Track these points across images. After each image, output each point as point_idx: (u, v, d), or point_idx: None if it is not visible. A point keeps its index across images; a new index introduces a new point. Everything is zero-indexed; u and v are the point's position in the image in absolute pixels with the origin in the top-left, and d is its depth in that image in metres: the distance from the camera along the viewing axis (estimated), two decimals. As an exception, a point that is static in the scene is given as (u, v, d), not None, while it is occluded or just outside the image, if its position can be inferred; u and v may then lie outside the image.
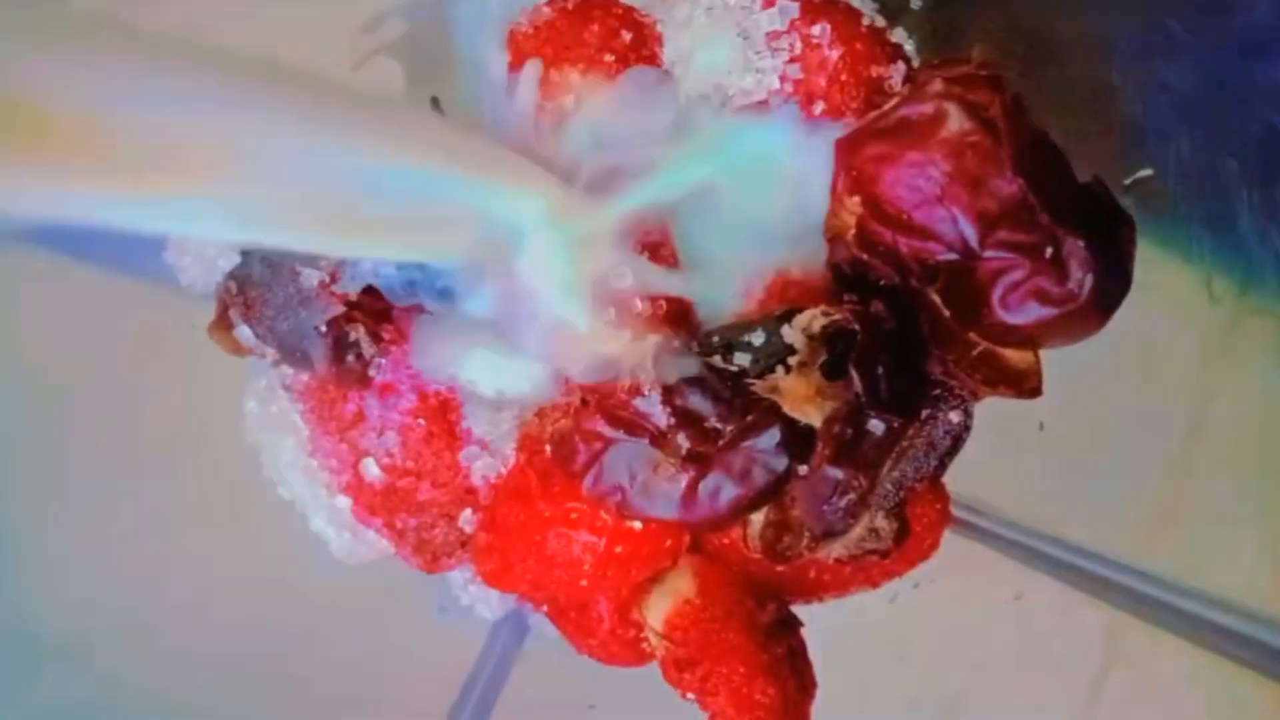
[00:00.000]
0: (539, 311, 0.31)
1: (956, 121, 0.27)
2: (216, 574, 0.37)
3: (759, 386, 0.30)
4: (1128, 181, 0.30)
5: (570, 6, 0.32)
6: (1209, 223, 0.29)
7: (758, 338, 0.31)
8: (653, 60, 0.32)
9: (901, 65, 0.31)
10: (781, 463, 0.30)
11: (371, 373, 0.32)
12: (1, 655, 0.31)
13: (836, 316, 0.30)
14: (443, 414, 0.33)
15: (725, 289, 0.31)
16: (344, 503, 0.34)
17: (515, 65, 0.32)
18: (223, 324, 0.32)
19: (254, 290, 0.31)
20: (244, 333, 0.32)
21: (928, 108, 0.28)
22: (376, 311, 0.32)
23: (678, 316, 0.34)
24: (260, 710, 0.37)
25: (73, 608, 0.33)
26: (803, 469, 0.30)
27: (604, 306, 0.30)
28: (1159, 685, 0.32)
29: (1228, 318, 0.29)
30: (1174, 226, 0.29)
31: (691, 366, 0.30)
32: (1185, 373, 0.30)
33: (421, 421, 0.32)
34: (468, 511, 0.34)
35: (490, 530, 0.34)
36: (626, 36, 0.32)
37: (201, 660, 0.35)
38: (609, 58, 0.32)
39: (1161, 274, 0.30)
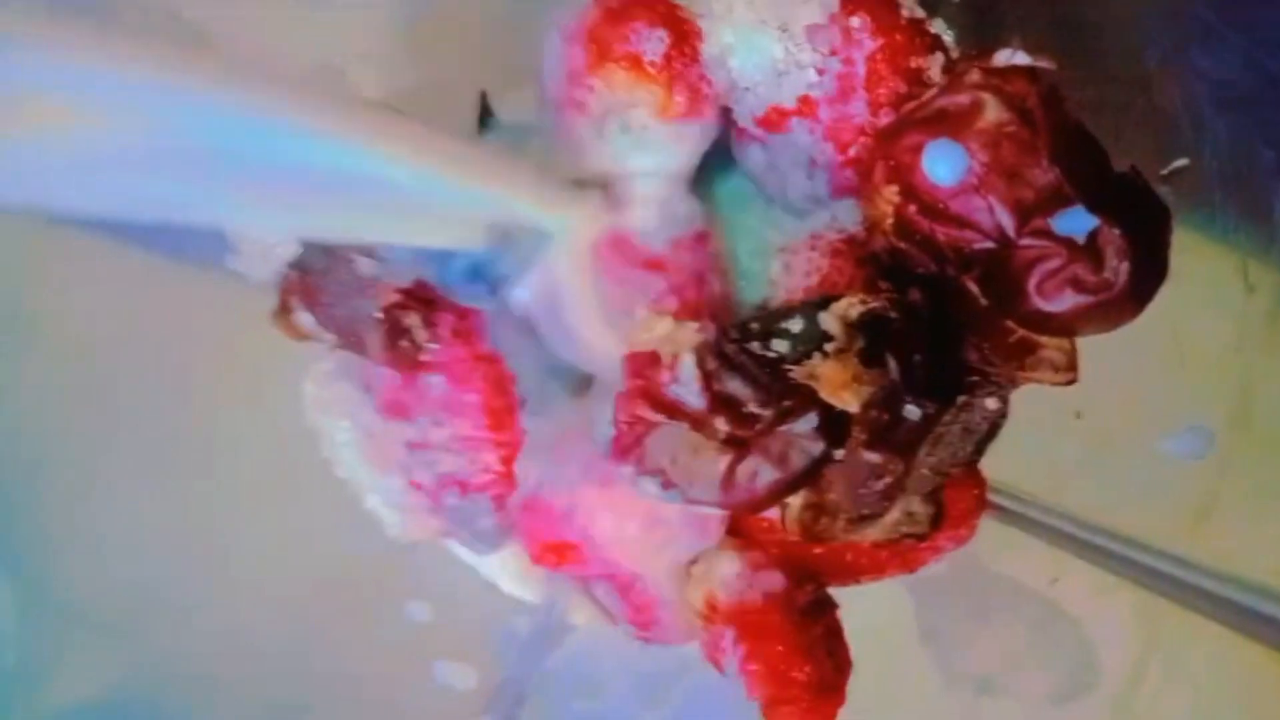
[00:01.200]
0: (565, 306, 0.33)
1: (994, 112, 0.28)
2: (270, 552, 0.38)
3: (797, 373, 0.31)
4: (1165, 171, 0.30)
5: (613, 3, 0.33)
6: (1245, 212, 0.29)
7: (795, 325, 0.32)
8: (693, 57, 0.33)
9: (940, 56, 0.31)
10: (818, 447, 0.30)
11: (424, 357, 0.33)
12: (47, 633, 0.32)
13: (874, 304, 0.31)
14: (500, 393, 0.34)
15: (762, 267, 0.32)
16: (397, 483, 0.35)
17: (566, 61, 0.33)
18: (284, 310, 0.33)
19: (313, 278, 0.33)
20: (304, 318, 0.33)
21: (965, 98, 0.28)
22: (429, 299, 0.33)
23: (714, 305, 0.35)
24: (304, 688, 0.38)
25: (117, 587, 0.34)
26: (839, 453, 0.30)
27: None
28: (1195, 671, 0.32)
29: (1264, 306, 0.29)
30: (1210, 216, 0.29)
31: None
32: (1221, 360, 0.30)
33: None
34: (517, 494, 0.35)
35: (537, 512, 0.35)
36: (667, 33, 0.32)
37: (246, 639, 0.36)
38: (650, 54, 0.32)
39: (1197, 262, 0.30)
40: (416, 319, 0.32)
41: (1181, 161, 0.29)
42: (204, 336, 0.37)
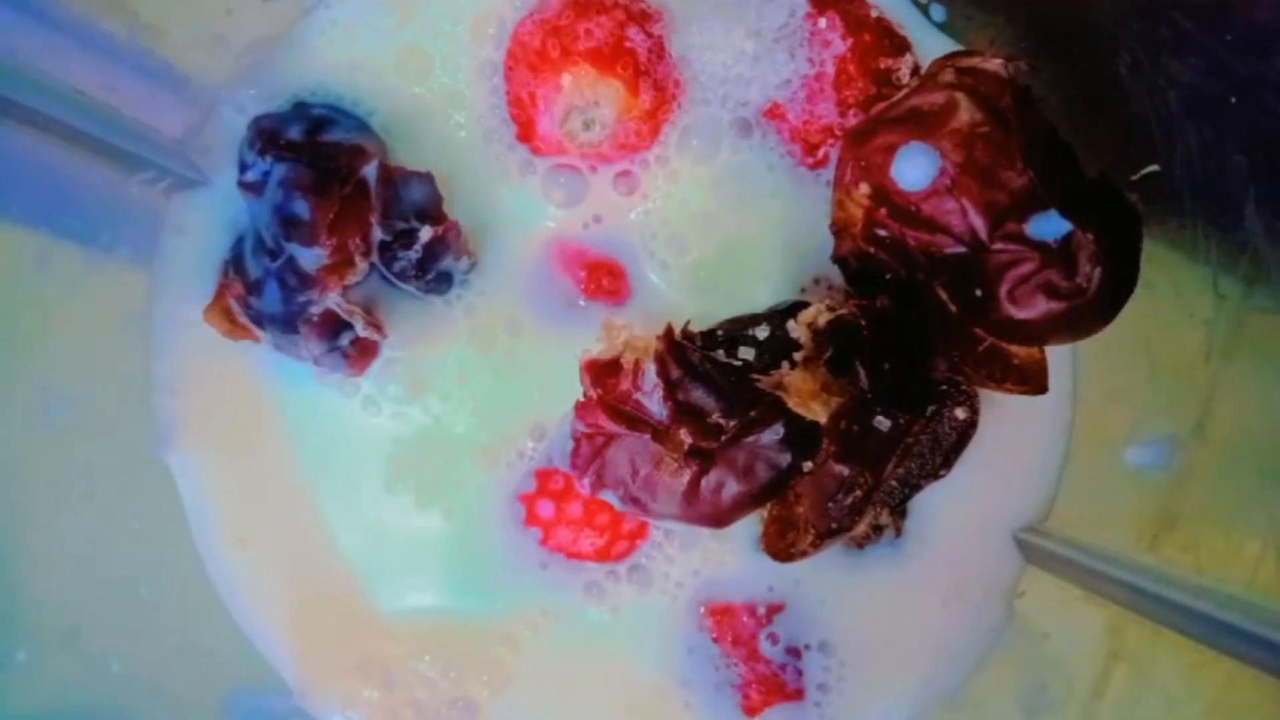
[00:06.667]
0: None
1: (967, 112, 0.27)
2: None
3: (763, 381, 0.30)
4: (1135, 177, 0.29)
5: (575, -1, 0.32)
6: (1215, 220, 0.28)
7: (762, 332, 0.31)
8: (660, 53, 0.32)
9: (910, 58, 0.30)
10: (785, 459, 0.29)
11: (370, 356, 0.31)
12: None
13: (842, 311, 0.30)
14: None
15: None
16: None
17: (519, 57, 0.32)
18: (219, 307, 0.31)
19: (251, 274, 0.31)
20: (240, 316, 0.31)
21: (938, 97, 0.27)
22: (371, 297, 0.31)
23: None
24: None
25: (61, 594, 0.32)
26: (808, 465, 0.29)
27: None
28: (1161, 682, 0.31)
29: (1233, 315, 0.29)
30: (1180, 223, 0.29)
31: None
32: (1190, 370, 0.30)
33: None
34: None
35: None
36: (632, 30, 0.31)
37: (183, 645, 0.34)
38: (613, 50, 0.31)
39: (1167, 271, 0.29)
40: (359, 316, 0.30)
41: (1152, 167, 0.29)
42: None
